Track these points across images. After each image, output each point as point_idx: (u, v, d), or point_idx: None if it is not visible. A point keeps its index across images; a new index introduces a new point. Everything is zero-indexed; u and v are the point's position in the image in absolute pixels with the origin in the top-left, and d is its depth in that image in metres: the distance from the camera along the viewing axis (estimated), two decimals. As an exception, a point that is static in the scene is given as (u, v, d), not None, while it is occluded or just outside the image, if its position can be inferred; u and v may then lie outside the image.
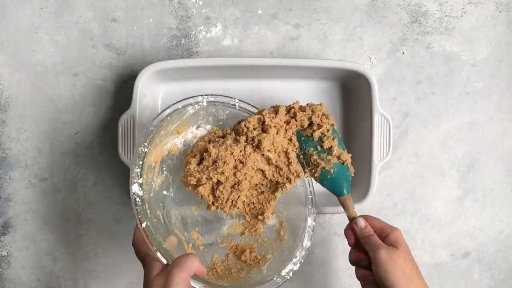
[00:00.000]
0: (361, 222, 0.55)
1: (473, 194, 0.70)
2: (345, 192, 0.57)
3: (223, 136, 0.58)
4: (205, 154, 0.55)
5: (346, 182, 0.57)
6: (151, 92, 0.64)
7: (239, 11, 0.67)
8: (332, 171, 0.57)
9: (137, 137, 0.61)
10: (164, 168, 0.57)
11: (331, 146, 0.57)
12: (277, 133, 0.56)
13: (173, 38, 0.67)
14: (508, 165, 0.70)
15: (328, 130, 0.57)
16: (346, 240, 0.69)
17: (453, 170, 0.69)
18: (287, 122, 0.58)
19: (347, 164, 0.58)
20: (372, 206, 0.68)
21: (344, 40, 0.68)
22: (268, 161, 0.57)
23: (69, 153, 0.67)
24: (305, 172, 0.58)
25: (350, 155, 0.58)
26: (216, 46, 0.67)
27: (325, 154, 0.57)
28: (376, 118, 0.62)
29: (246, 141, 0.55)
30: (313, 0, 0.67)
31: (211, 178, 0.54)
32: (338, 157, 0.57)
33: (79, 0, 0.66)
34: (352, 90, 0.67)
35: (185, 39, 0.67)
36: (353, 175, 0.58)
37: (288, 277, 0.54)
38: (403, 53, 0.68)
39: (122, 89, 0.67)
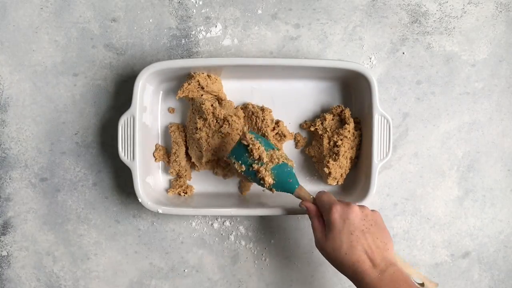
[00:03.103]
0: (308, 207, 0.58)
1: (473, 194, 0.70)
2: (295, 186, 0.57)
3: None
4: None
5: (291, 177, 0.57)
6: (151, 92, 0.64)
7: (239, 11, 0.67)
8: (273, 176, 0.57)
9: (137, 137, 0.61)
10: None
11: (259, 155, 0.56)
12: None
13: (173, 38, 0.67)
14: (508, 165, 0.70)
15: (251, 139, 0.57)
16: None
17: (453, 170, 0.69)
18: None
19: (282, 161, 0.57)
20: (372, 206, 0.68)
21: (344, 40, 0.68)
22: None
23: (69, 153, 0.67)
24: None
25: (281, 149, 0.57)
26: (216, 46, 0.67)
27: (258, 164, 0.57)
28: (376, 118, 0.62)
29: None
30: (313, 0, 0.67)
31: None
32: (271, 160, 0.57)
33: (79, 0, 0.66)
34: (352, 90, 0.67)
35: (185, 39, 0.67)
36: (293, 165, 0.59)
37: None
38: (403, 53, 0.68)
39: (122, 89, 0.67)
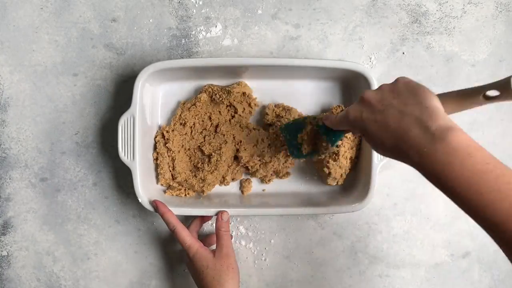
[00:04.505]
0: None
1: (473, 194, 0.70)
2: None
3: None
4: None
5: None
6: (151, 92, 0.64)
7: (239, 11, 0.67)
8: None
9: (137, 137, 0.61)
10: None
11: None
12: None
13: (173, 38, 0.67)
14: (508, 165, 0.70)
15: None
16: (346, 240, 0.69)
17: (453, 170, 0.69)
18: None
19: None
20: (372, 206, 0.68)
21: (344, 40, 0.68)
22: None
23: (69, 153, 0.67)
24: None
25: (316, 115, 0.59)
26: (216, 46, 0.67)
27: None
28: (376, 118, 0.62)
29: None
30: (313, 0, 0.67)
31: None
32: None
33: (79, 0, 0.66)
34: (352, 90, 0.67)
35: (185, 39, 0.67)
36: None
37: None
38: (403, 53, 0.68)
39: (122, 89, 0.67)
